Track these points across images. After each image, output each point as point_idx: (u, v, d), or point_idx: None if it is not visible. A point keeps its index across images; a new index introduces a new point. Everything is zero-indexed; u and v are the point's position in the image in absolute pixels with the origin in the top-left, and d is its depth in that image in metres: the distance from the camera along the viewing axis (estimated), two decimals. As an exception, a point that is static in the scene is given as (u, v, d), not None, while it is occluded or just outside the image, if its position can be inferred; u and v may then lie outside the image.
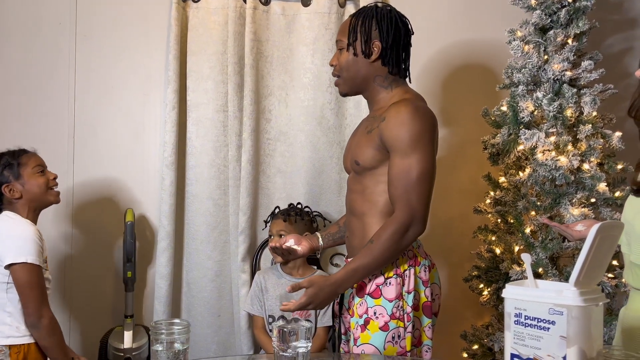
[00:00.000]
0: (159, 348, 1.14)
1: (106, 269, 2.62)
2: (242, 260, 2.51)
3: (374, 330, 1.63)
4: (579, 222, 1.75)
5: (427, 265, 1.70)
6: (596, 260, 1.05)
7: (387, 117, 1.63)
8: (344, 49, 1.75)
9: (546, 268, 2.21)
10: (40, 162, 2.02)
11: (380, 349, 1.62)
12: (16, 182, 1.93)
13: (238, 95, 2.52)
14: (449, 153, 2.76)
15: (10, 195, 1.93)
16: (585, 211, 2.17)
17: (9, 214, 1.93)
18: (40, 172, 1.98)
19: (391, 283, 1.64)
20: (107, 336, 2.44)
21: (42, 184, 1.97)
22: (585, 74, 2.28)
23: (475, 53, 2.77)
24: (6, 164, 1.94)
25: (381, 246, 1.58)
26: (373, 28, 1.71)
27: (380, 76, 1.74)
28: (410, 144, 1.58)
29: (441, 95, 2.77)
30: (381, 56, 1.71)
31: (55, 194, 2.03)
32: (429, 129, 1.62)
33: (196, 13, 2.55)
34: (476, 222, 2.57)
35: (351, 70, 1.74)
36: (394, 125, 1.60)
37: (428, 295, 1.68)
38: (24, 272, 1.81)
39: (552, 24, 2.31)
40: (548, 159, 2.19)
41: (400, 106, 1.63)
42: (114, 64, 2.61)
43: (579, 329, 1.01)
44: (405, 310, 1.64)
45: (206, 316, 2.58)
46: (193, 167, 2.56)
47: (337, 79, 1.80)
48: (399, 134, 1.59)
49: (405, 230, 1.58)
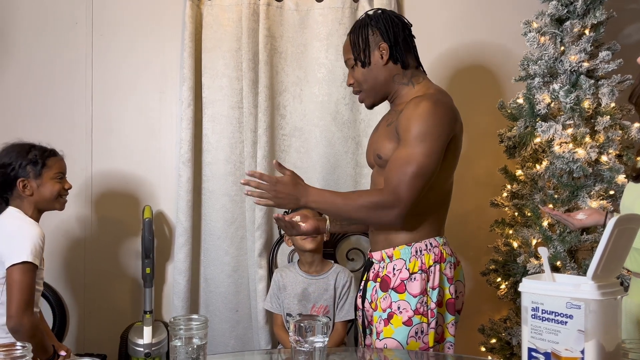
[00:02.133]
0: (178, 343, 1.15)
1: (125, 266, 2.65)
2: (259, 255, 2.53)
3: (397, 324, 1.64)
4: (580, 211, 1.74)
5: (453, 263, 1.70)
6: (614, 253, 1.04)
7: (405, 109, 1.63)
8: (354, 66, 1.76)
9: (564, 261, 2.19)
10: (63, 169, 2.01)
11: (402, 344, 1.62)
12: (33, 181, 1.92)
13: (253, 92, 2.53)
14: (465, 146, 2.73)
15: (22, 191, 1.91)
16: (604, 203, 2.15)
17: (14, 212, 1.90)
18: (59, 179, 1.97)
19: (416, 279, 1.64)
20: (127, 332, 2.47)
21: (55, 191, 1.94)
22: (603, 64, 2.25)
23: (490, 46, 2.74)
24: (32, 160, 1.92)
25: (358, 204, 1.60)
26: (371, 34, 1.72)
27: (398, 74, 1.74)
28: (417, 137, 1.58)
29: (456, 88, 2.74)
30: (391, 55, 1.72)
31: (63, 203, 2.00)
32: (440, 125, 1.60)
33: (210, 10, 2.56)
34: (493, 216, 2.56)
35: (369, 80, 1.75)
36: (408, 118, 1.61)
37: (452, 292, 1.68)
38: (16, 271, 1.76)
39: (568, 15, 2.28)
40: (565, 151, 2.17)
41: (419, 100, 1.63)
42: (130, 62, 2.63)
43: (597, 322, 1.00)
44: (430, 306, 1.63)
45: (224, 311, 2.60)
46: (209, 163, 2.57)
47: (359, 96, 1.81)
48: (409, 125, 1.59)
49: (383, 209, 1.59)
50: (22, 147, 1.94)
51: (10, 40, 2.57)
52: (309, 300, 2.32)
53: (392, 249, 1.69)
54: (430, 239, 1.68)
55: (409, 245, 1.67)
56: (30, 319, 1.77)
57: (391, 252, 1.69)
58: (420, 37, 1.82)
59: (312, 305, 2.31)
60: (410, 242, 1.67)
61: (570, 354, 1.02)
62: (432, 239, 1.68)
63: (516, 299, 2.40)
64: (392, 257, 1.69)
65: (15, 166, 1.90)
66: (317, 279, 2.33)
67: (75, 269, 2.60)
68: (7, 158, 1.91)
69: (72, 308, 2.56)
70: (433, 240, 1.68)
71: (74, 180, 2.57)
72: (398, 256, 1.68)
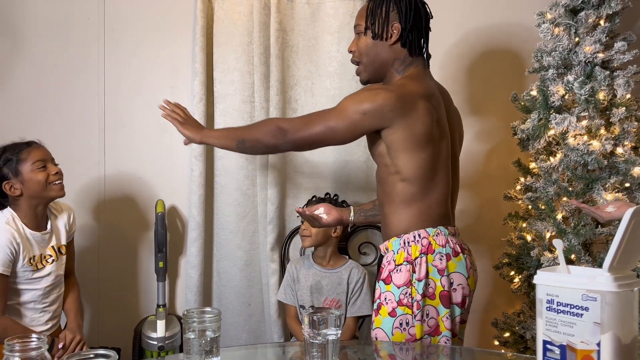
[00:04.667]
0: (191, 336, 1.15)
1: (138, 260, 2.67)
2: (271, 249, 2.53)
3: (384, 315, 1.63)
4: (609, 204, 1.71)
5: (445, 254, 1.64)
6: (631, 244, 1.03)
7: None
8: (361, 33, 1.74)
9: (579, 254, 2.17)
10: (42, 156, 1.95)
11: (388, 334, 1.62)
12: (15, 179, 1.90)
13: (264, 86, 2.53)
14: (477, 139, 2.73)
15: (11, 193, 1.90)
16: (619, 196, 2.13)
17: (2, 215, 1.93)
18: (41, 168, 1.92)
19: (401, 270, 1.62)
20: (140, 325, 2.49)
21: (42, 180, 1.91)
22: (618, 55, 2.22)
23: (503, 37, 2.72)
24: (6, 160, 1.90)
25: (258, 124, 1.78)
26: (391, 9, 1.69)
27: (398, 59, 1.72)
28: (348, 105, 1.62)
29: (469, 81, 2.73)
30: (401, 38, 1.70)
31: (57, 189, 1.96)
32: (374, 107, 1.59)
33: (221, 4, 2.56)
34: (506, 209, 2.54)
35: (370, 54, 1.73)
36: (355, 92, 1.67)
37: (445, 284, 1.62)
38: None
39: (583, 5, 2.25)
40: (580, 143, 2.15)
41: (378, 84, 1.68)
42: (142, 57, 2.64)
43: (613, 315, 0.99)
44: (415, 297, 1.60)
45: (237, 305, 2.61)
46: (221, 158, 2.58)
47: (357, 67, 1.80)
48: (349, 95, 1.65)
49: (281, 135, 1.66)
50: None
51: (22, 36, 2.58)
52: (321, 293, 2.32)
53: (388, 241, 1.70)
54: (420, 230, 1.64)
55: (399, 237, 1.66)
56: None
57: (387, 244, 1.70)
58: (434, 28, 1.80)
59: (324, 298, 2.31)
60: (400, 233, 1.66)
61: (586, 347, 1.01)
62: (422, 230, 1.64)
63: (530, 292, 2.39)
64: (388, 249, 1.69)
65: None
66: (331, 272, 2.33)
67: (89, 264, 2.62)
68: None
69: (86, 302, 2.58)
70: (423, 232, 1.64)
71: (87, 176, 2.61)
72: (390, 248, 1.68)
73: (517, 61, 2.67)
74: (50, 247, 2.02)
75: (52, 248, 2.02)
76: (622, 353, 1.00)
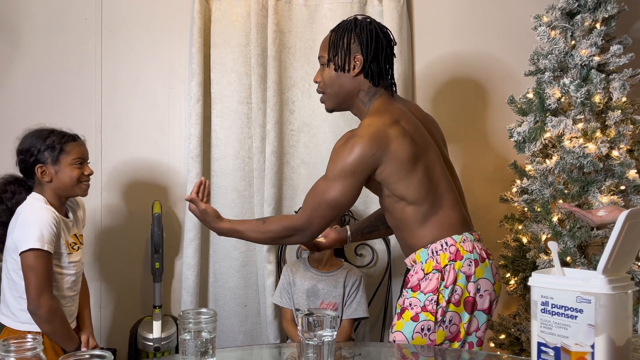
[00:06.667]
0: (187, 337, 1.15)
1: (135, 261, 2.66)
2: (268, 250, 2.53)
3: (407, 319, 1.64)
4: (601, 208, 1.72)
5: (474, 260, 1.65)
6: (625, 247, 1.03)
7: (340, 139, 1.69)
8: (325, 64, 1.75)
9: (574, 257, 2.18)
10: (83, 155, 1.98)
11: (408, 338, 1.62)
12: (51, 167, 1.90)
13: (261, 87, 2.53)
14: (473, 141, 2.74)
15: (41, 177, 1.90)
16: (614, 199, 2.13)
17: (31, 199, 1.90)
18: (79, 165, 1.95)
19: (430, 278, 1.63)
20: (136, 326, 2.49)
21: (75, 177, 1.93)
22: (614, 58, 2.23)
23: (500, 40, 2.73)
24: (50, 146, 1.91)
25: (268, 232, 1.73)
26: (352, 41, 1.71)
27: (363, 91, 1.74)
28: (337, 172, 1.63)
29: (465, 83, 2.74)
30: (363, 69, 1.71)
31: (84, 188, 1.99)
32: (360, 164, 1.62)
33: (219, 6, 2.56)
34: (502, 211, 2.55)
35: (334, 86, 1.75)
36: (336, 151, 1.67)
37: (471, 290, 1.63)
38: (29, 257, 1.79)
39: (579, 9, 2.26)
40: (576, 146, 2.16)
41: (351, 135, 1.66)
42: (139, 58, 2.64)
43: (608, 317, 1.00)
44: (441, 304, 1.61)
45: (233, 306, 2.61)
46: (218, 159, 2.58)
47: (321, 96, 1.81)
48: (335, 158, 1.66)
49: (293, 234, 1.71)
50: (40, 133, 1.93)
51: (20, 35, 2.58)
52: (317, 296, 2.32)
53: (414, 253, 1.70)
54: (447, 238, 1.66)
55: (426, 248, 1.67)
56: (48, 303, 1.80)
57: (413, 257, 1.71)
58: (430, 31, 1.81)
59: (320, 301, 2.31)
60: (427, 244, 1.67)
61: (580, 349, 1.01)
62: (449, 238, 1.66)
63: (525, 294, 2.39)
64: (415, 261, 1.70)
65: (34, 152, 1.89)
66: (327, 276, 2.33)
67: (85, 265, 2.61)
68: (26, 144, 1.92)
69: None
70: (449, 239, 1.65)
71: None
72: (419, 260, 1.69)
73: (514, 63, 2.67)
74: (73, 235, 2.00)
75: (74, 236, 2.00)
76: (616, 355, 1.00)
